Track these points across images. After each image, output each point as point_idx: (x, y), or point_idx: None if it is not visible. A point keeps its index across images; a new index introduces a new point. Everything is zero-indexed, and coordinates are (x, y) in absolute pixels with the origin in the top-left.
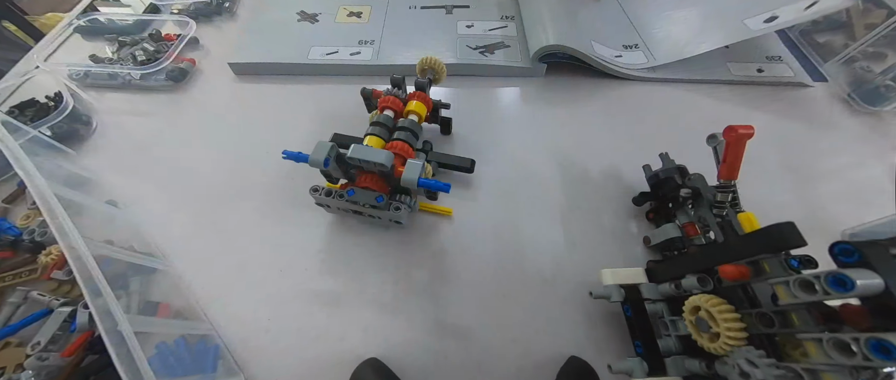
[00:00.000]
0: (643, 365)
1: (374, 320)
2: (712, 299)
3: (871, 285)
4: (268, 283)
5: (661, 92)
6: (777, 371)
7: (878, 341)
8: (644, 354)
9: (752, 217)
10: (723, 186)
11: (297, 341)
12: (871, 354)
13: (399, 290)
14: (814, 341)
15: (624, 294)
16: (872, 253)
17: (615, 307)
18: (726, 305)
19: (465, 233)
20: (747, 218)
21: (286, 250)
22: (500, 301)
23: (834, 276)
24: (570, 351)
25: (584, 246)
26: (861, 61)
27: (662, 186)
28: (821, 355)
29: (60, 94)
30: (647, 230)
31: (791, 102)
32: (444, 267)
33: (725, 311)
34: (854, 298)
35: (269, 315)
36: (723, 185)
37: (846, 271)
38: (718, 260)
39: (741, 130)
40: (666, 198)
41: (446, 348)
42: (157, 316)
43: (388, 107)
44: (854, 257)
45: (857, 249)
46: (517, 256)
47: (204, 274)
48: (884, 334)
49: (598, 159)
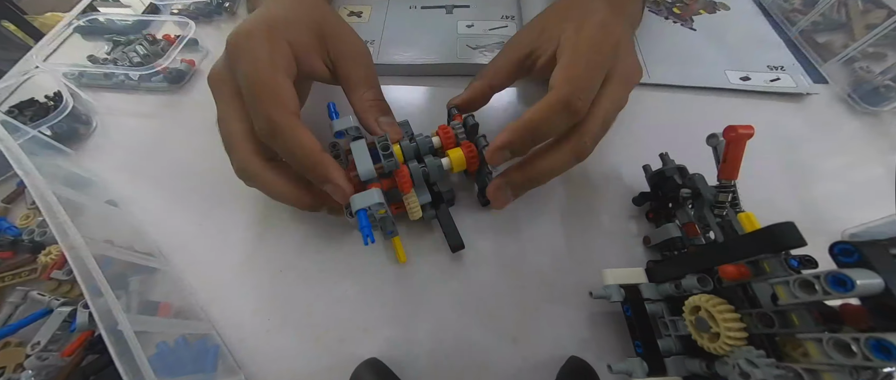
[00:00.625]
0: (643, 365)
1: (373, 321)
2: (712, 298)
3: (871, 284)
4: (266, 283)
5: (659, 96)
6: (777, 371)
7: (878, 340)
8: (644, 354)
9: (752, 217)
10: (723, 186)
11: (297, 342)
12: (870, 353)
13: (399, 290)
14: (814, 341)
15: (624, 294)
16: (872, 253)
17: (615, 307)
18: (726, 305)
19: (465, 233)
20: (747, 218)
21: (285, 251)
22: (500, 301)
23: (834, 276)
24: (571, 351)
25: (584, 246)
26: (861, 61)
27: (662, 186)
28: (821, 355)
29: (60, 93)
30: (648, 230)
31: (791, 103)
32: (444, 267)
33: (725, 311)
34: (854, 298)
35: (268, 316)
36: (723, 185)
37: (846, 271)
38: (718, 260)
39: (741, 130)
40: (666, 198)
41: (446, 348)
42: (158, 315)
43: (438, 134)
44: (854, 257)
45: (856, 249)
46: (517, 256)
47: (203, 274)
48: (884, 334)
49: (596, 161)
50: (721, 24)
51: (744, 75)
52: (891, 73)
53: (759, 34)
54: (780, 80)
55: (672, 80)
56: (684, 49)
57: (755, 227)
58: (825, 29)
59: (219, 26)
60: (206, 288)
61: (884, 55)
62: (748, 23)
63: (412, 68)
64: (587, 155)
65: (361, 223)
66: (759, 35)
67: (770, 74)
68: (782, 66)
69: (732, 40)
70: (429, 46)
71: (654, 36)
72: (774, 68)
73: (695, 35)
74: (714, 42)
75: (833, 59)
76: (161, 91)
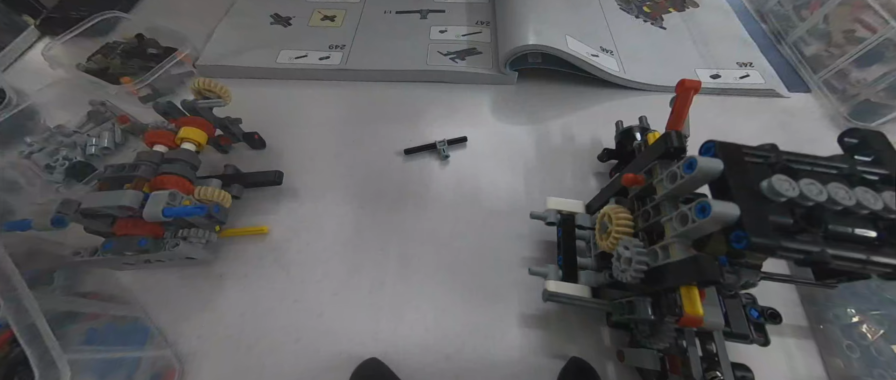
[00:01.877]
0: (558, 271)
1: (374, 321)
2: (616, 207)
3: (712, 167)
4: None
5: (634, 97)
6: (642, 250)
7: (701, 203)
8: (563, 266)
9: (656, 134)
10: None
11: (297, 342)
12: (696, 216)
13: (398, 291)
14: (668, 222)
15: (559, 218)
16: (721, 146)
17: (552, 236)
18: (624, 211)
19: (432, 235)
20: (653, 135)
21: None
22: (501, 303)
23: (688, 161)
24: (571, 352)
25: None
26: (855, 74)
27: (625, 142)
28: (671, 231)
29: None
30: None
31: (778, 113)
32: (445, 269)
33: (620, 212)
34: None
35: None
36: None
37: (695, 157)
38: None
39: (688, 83)
40: (627, 153)
41: (446, 348)
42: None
43: (156, 142)
44: (711, 153)
45: (714, 146)
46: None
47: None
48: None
49: (568, 140)
50: (690, 22)
51: (714, 73)
52: (882, 83)
53: (729, 30)
54: (750, 76)
55: (645, 79)
56: (656, 48)
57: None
58: (810, 39)
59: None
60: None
61: (870, 68)
62: (717, 19)
63: (381, 74)
64: None
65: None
66: (728, 31)
67: (740, 71)
68: (751, 62)
69: (702, 38)
70: (400, 52)
71: (626, 35)
72: (744, 65)
73: (665, 34)
74: (684, 41)
75: (823, 71)
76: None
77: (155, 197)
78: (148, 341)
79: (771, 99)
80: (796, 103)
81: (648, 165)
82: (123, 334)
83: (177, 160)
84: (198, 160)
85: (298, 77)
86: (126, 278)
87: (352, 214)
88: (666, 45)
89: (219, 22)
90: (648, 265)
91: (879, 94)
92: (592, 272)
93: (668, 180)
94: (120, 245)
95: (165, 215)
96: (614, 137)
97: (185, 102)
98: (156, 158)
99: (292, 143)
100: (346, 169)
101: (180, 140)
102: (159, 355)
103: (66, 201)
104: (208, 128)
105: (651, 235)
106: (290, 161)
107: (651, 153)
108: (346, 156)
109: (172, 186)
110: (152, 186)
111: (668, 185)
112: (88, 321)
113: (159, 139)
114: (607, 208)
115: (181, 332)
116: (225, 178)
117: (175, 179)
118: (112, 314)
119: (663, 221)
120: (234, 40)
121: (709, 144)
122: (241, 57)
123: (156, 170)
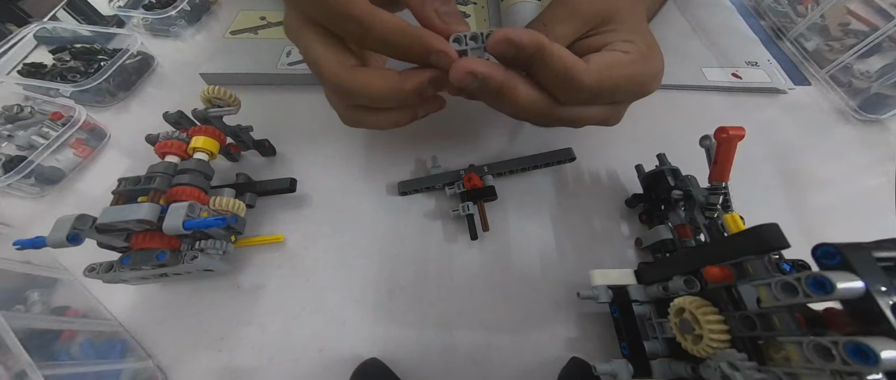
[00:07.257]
0: (628, 367)
1: (374, 321)
2: (696, 300)
3: (851, 287)
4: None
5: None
6: (758, 375)
7: (857, 344)
8: (630, 356)
9: (737, 218)
10: (714, 189)
11: (296, 342)
12: (849, 357)
13: (396, 291)
14: (795, 344)
15: (611, 295)
16: (854, 256)
17: (604, 308)
18: (710, 307)
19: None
20: (733, 219)
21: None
22: (501, 303)
23: (814, 278)
24: (559, 352)
25: (576, 249)
26: (856, 66)
27: (655, 188)
28: (801, 359)
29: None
30: (640, 232)
31: (785, 109)
32: (444, 268)
33: (708, 313)
34: (835, 301)
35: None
36: (714, 186)
37: (826, 274)
38: (704, 261)
39: (732, 131)
40: (658, 200)
41: (446, 349)
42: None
43: (168, 152)
44: (836, 260)
45: (838, 252)
46: (503, 255)
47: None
48: (862, 338)
49: (587, 161)
50: (695, 20)
51: (720, 70)
52: (889, 79)
53: (734, 29)
54: (755, 73)
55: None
56: (661, 46)
57: (740, 228)
58: (810, 34)
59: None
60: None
61: (875, 61)
62: (722, 18)
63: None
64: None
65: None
66: (734, 30)
67: (745, 69)
68: (755, 60)
69: (707, 36)
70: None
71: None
72: (750, 63)
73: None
74: (690, 38)
75: (829, 65)
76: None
77: (174, 209)
78: (127, 353)
79: (777, 95)
80: (803, 98)
81: (738, 260)
82: (99, 350)
83: (190, 171)
84: (211, 170)
85: (297, 83)
86: (136, 295)
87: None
88: (672, 44)
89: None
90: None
91: (889, 86)
92: (667, 362)
93: (779, 290)
94: (138, 259)
95: (186, 228)
96: (640, 181)
97: (197, 111)
98: (170, 169)
99: (302, 149)
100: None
101: (193, 150)
102: (142, 367)
103: (81, 217)
104: (220, 136)
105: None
106: (300, 167)
107: (740, 247)
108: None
109: (188, 197)
110: (167, 198)
111: (780, 295)
112: (66, 337)
113: (171, 150)
114: (686, 303)
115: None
116: (238, 186)
117: (190, 190)
118: (90, 330)
119: (783, 342)
120: (235, 46)
121: (826, 248)
122: (242, 63)
123: (170, 181)
